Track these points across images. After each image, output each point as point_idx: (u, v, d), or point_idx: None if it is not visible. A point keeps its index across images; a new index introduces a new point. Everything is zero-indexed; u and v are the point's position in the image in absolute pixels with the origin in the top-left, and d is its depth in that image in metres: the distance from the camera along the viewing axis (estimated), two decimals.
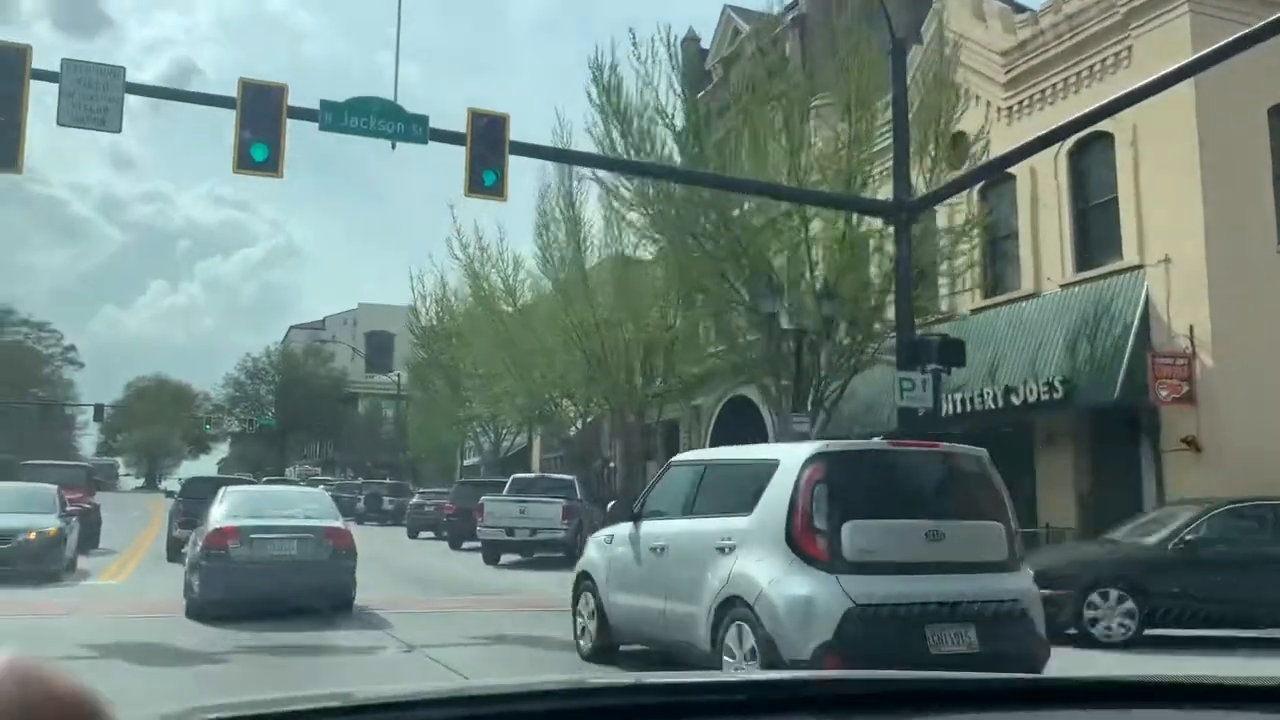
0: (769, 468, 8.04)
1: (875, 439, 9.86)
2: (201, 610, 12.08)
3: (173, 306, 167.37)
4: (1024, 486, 20.47)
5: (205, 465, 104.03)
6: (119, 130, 14.60)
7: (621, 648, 9.78)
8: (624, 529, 9.75)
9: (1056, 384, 19.28)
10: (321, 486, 56.74)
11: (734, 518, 8.09)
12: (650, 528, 9.23)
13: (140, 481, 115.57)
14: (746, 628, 7.47)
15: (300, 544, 12.58)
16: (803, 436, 17.65)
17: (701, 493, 8.87)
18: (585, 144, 21.54)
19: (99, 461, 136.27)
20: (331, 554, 12.66)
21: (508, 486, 25.62)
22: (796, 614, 7.22)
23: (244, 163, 14.91)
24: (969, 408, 20.65)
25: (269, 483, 34.46)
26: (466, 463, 50.34)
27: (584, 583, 10.20)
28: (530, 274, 33.38)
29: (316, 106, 15.64)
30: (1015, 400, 20.11)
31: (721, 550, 7.96)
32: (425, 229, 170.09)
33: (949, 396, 18.90)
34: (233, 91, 15.04)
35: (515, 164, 16.57)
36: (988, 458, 8.33)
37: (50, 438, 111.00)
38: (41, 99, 14.95)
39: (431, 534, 36.44)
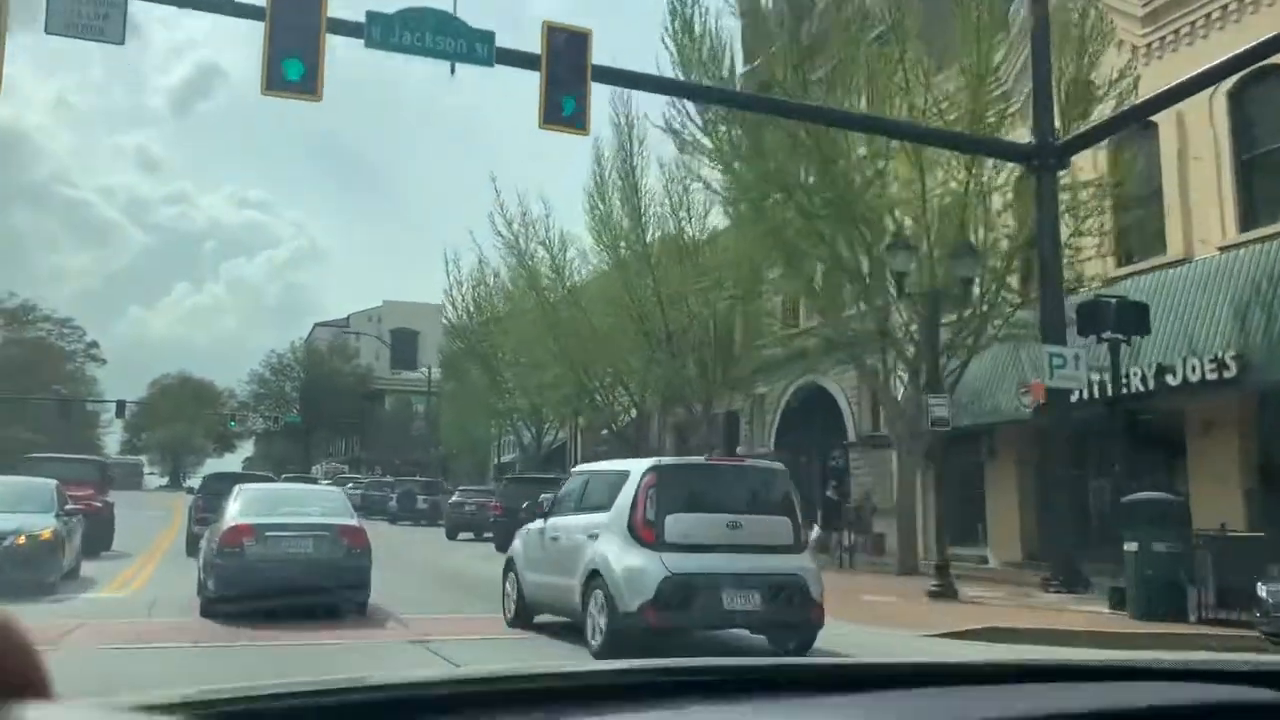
0: (622, 476, 10.72)
1: (697, 458, 13.04)
2: (214, 609, 11.92)
3: (197, 307, 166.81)
4: (1173, 481, 17.53)
5: (230, 463, 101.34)
6: (121, 41, 11.79)
7: (536, 619, 11.89)
8: (538, 524, 12.14)
9: (1227, 360, 16.26)
10: (350, 485, 54.52)
11: (599, 514, 10.66)
12: (553, 522, 11.70)
13: (165, 480, 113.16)
14: (600, 592, 10.03)
15: (315, 542, 12.48)
16: (940, 423, 14.76)
17: (585, 495, 11.41)
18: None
19: (122, 460, 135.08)
20: (346, 552, 12.52)
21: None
22: (630, 580, 9.81)
23: (274, 82, 12.19)
24: (1108, 392, 17.62)
25: (289, 480, 32.35)
26: (504, 458, 47.52)
27: (510, 567, 12.65)
28: (581, 252, 30.60)
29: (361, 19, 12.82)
30: (1171, 381, 17.10)
31: (591, 538, 10.53)
32: (447, 230, 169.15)
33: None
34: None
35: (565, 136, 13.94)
36: (784, 470, 11.44)
37: (73, 435, 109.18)
38: (68, 101, 12.02)
39: (471, 534, 33.77)
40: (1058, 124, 17.47)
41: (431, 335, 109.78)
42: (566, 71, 12.96)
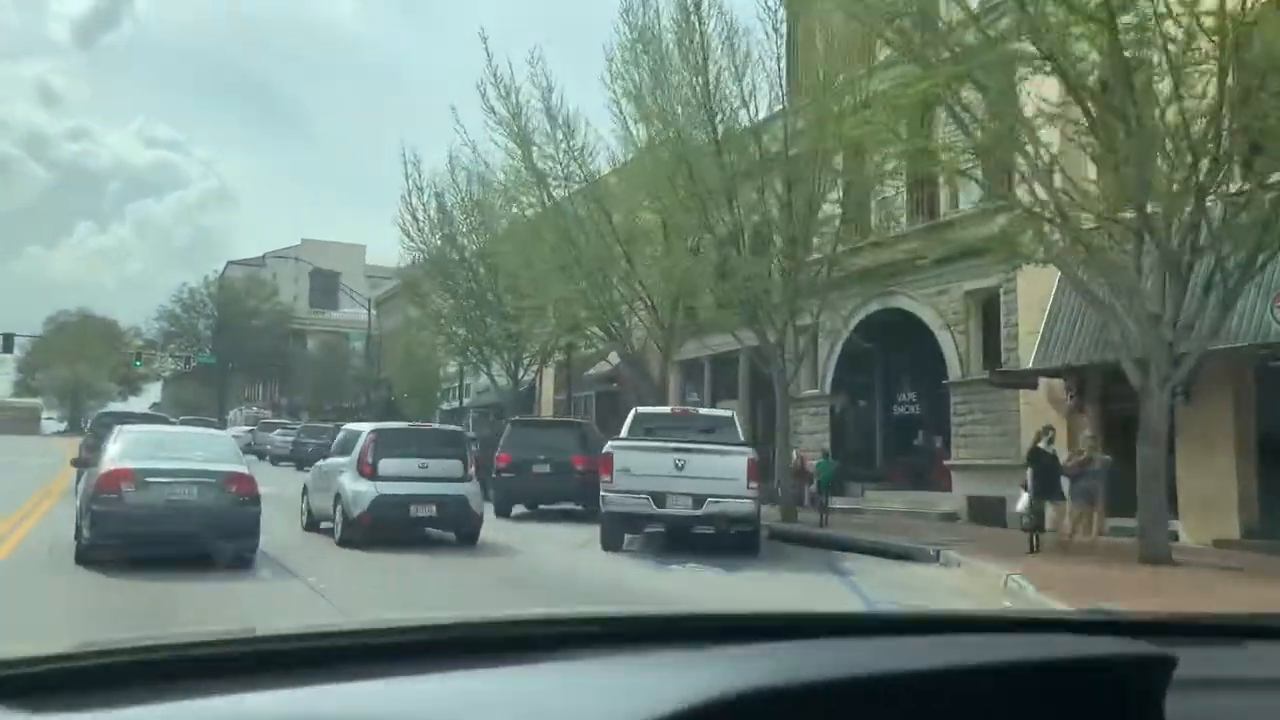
0: (357, 434, 16.39)
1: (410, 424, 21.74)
2: (90, 555, 11.53)
3: (101, 248, 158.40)
4: None
5: (136, 407, 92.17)
6: None
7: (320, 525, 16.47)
8: (322, 462, 17.75)
9: None
10: (277, 431, 47.16)
11: (345, 457, 16.09)
12: (326, 462, 17.28)
13: (64, 426, 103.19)
14: (340, 506, 15.31)
15: (201, 489, 12.00)
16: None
17: (342, 445, 16.83)
18: None
19: (15, 403, 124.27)
20: (234, 500, 12.15)
21: (631, 426, 16.24)
22: (356, 498, 15.07)
23: None
24: None
25: (188, 424, 27.65)
26: (463, 402, 40.58)
27: (304, 492, 17.80)
28: (602, 136, 23.74)
29: None
30: None
31: (340, 472, 15.75)
32: (367, 172, 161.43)
33: None
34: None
35: None
36: (462, 431, 19.97)
37: None
38: None
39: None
40: None
41: (352, 276, 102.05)
42: None
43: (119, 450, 12.44)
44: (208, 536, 11.28)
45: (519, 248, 25.12)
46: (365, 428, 16.59)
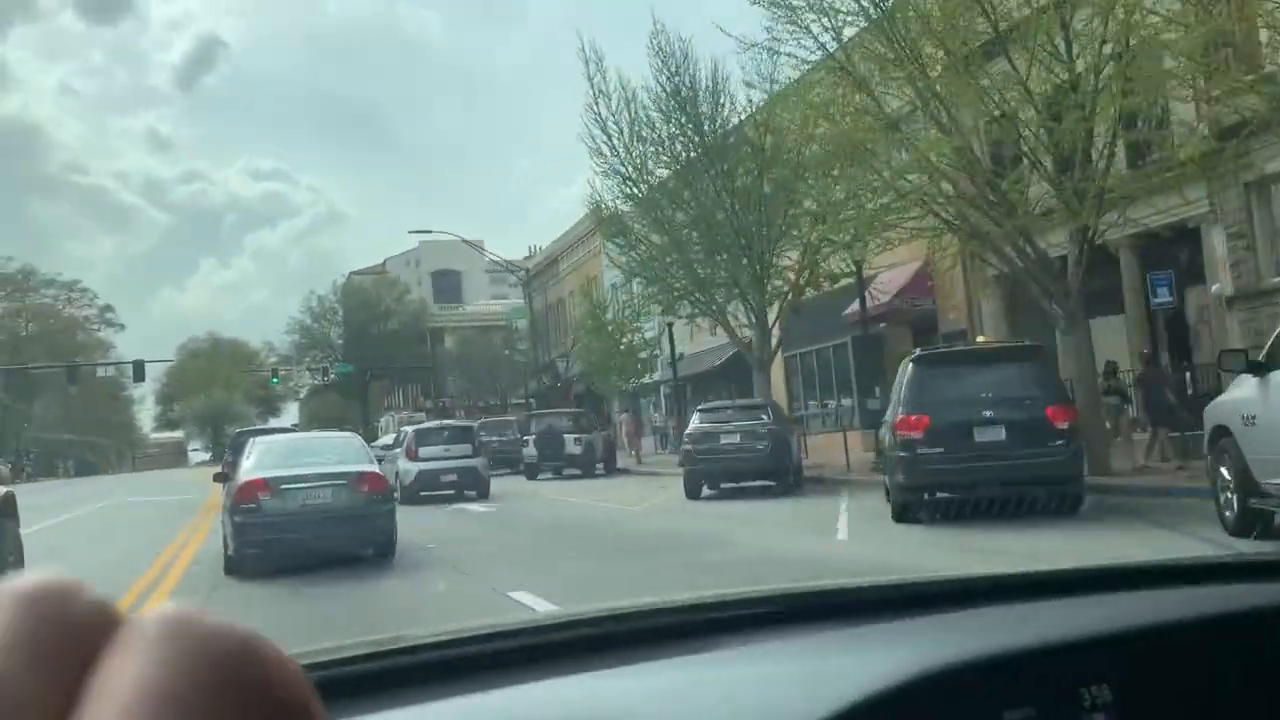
0: (404, 433, 28.18)
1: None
2: (239, 566, 11.76)
3: (226, 282, 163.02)
4: None
5: (276, 428, 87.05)
6: None
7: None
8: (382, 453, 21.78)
9: None
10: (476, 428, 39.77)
11: (397, 448, 25.62)
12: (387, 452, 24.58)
13: (208, 455, 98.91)
14: (399, 479, 21.89)
15: (334, 491, 12.11)
16: None
17: (398, 439, 27.80)
18: None
19: (161, 439, 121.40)
20: (367, 500, 12.19)
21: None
22: (405, 474, 22.94)
23: None
24: None
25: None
26: (675, 371, 32.30)
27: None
28: None
29: None
30: None
31: (396, 459, 23.87)
32: (469, 175, 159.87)
33: None
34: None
35: None
36: (472, 426, 28.17)
37: (97, 410, 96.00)
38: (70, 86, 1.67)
39: (732, 484, 19.15)
40: None
41: (474, 274, 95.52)
42: None
43: (253, 462, 12.73)
44: (344, 536, 11.74)
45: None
46: (408, 429, 28.55)
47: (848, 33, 16.85)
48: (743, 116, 23.61)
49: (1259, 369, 9.33)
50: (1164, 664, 1.29)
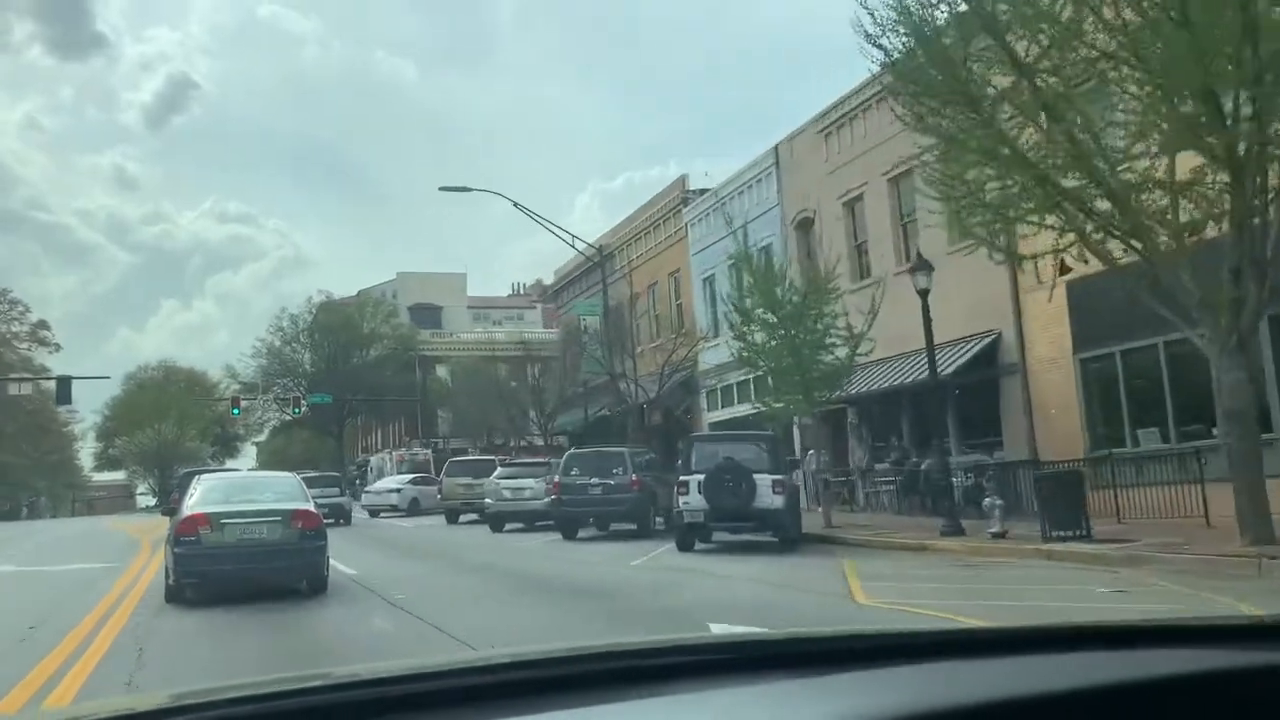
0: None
1: None
2: (177, 595, 12.39)
3: (187, 324, 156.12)
4: None
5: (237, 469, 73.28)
6: None
7: None
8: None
9: None
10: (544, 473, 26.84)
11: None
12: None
13: (154, 500, 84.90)
14: None
15: (269, 527, 12.60)
16: None
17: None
18: None
19: (106, 482, 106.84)
20: (300, 536, 12.64)
21: None
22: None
23: None
24: None
25: None
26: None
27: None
28: None
29: None
30: None
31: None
32: (432, 225, 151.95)
33: None
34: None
35: None
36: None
37: (30, 448, 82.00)
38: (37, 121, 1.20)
39: None
40: None
41: (456, 309, 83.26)
42: None
43: (196, 498, 13.18)
44: (278, 569, 12.39)
45: None
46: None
47: None
48: None
49: None
50: None
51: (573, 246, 31.77)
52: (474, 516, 30.95)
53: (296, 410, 65.72)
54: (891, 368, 23.14)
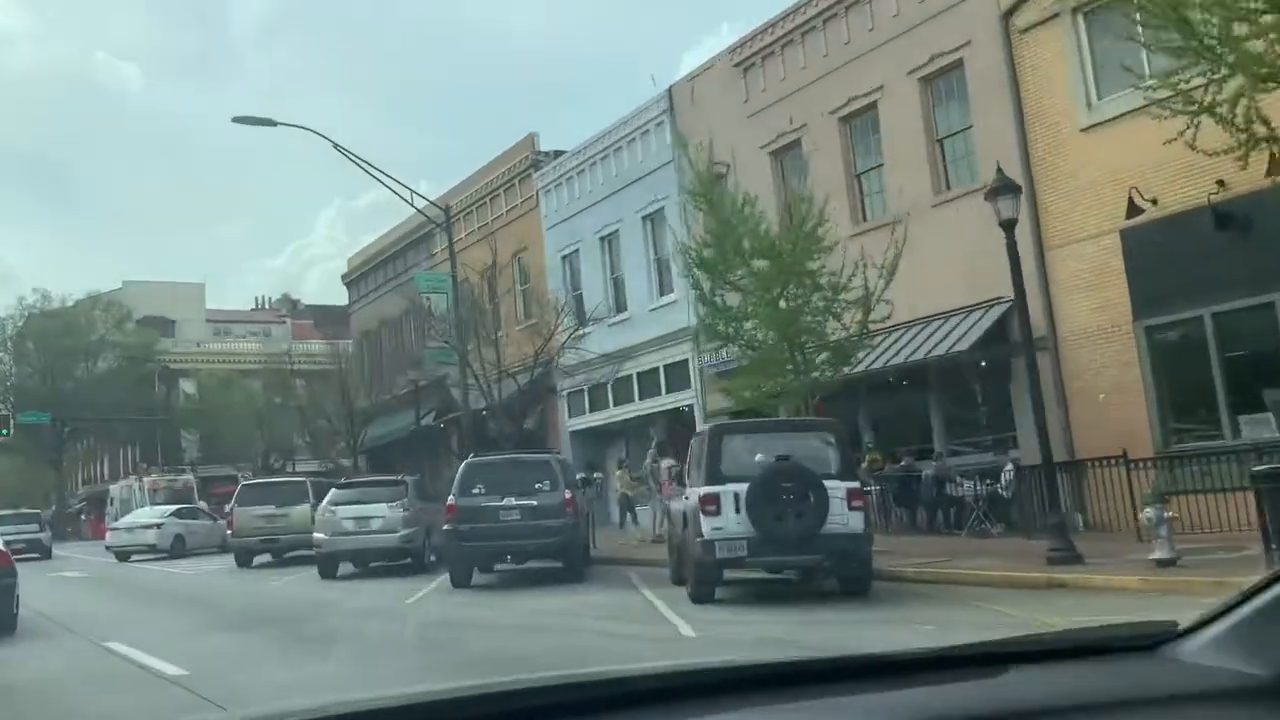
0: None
1: None
2: None
3: None
4: None
5: None
6: None
7: None
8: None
9: None
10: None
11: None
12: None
13: None
14: None
15: None
16: None
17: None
18: None
19: None
20: None
21: None
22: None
23: None
24: None
25: None
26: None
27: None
28: None
29: None
30: None
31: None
32: (161, 239, 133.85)
33: None
34: None
35: None
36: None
37: None
38: None
39: None
40: None
41: (192, 323, 72.49)
42: None
43: None
44: None
45: None
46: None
47: None
48: None
49: None
50: None
51: (410, 204, 24.63)
52: (266, 558, 23.31)
53: (3, 431, 53.50)
54: (893, 341, 17.80)
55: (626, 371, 25.16)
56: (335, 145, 23.24)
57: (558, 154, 28.98)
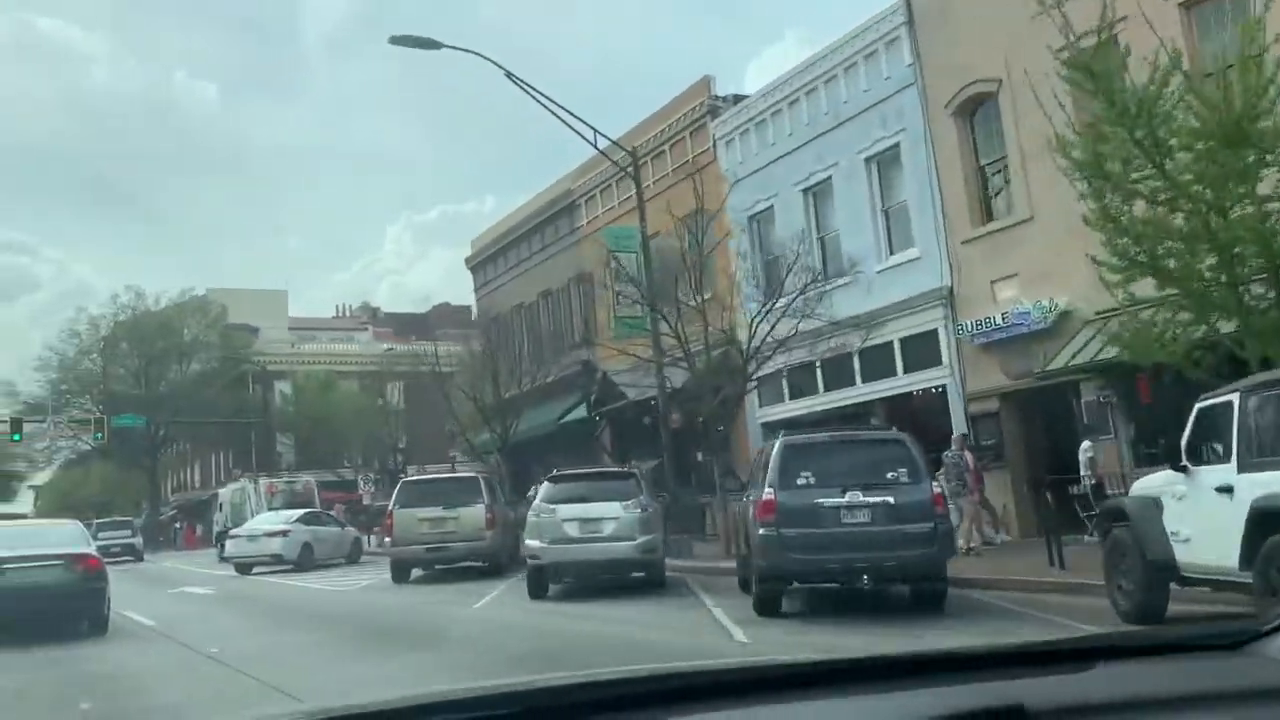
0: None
1: None
2: None
3: None
4: None
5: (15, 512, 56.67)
6: None
7: None
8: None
9: None
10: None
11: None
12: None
13: None
14: None
15: (51, 571, 12.93)
16: None
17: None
18: None
19: None
20: (81, 578, 12.99)
21: None
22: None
23: None
24: None
25: None
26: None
27: None
28: None
29: None
30: None
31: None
32: (236, 255, 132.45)
33: None
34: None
35: None
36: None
37: None
38: None
39: None
40: None
41: (276, 329, 69.38)
42: None
43: None
44: (60, 611, 12.74)
45: None
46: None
47: None
48: None
49: None
50: None
51: (594, 145, 20.48)
52: (418, 571, 19.32)
53: (98, 435, 50.63)
54: None
55: (850, 349, 20.71)
56: (508, 74, 19.35)
57: (738, 99, 24.72)
